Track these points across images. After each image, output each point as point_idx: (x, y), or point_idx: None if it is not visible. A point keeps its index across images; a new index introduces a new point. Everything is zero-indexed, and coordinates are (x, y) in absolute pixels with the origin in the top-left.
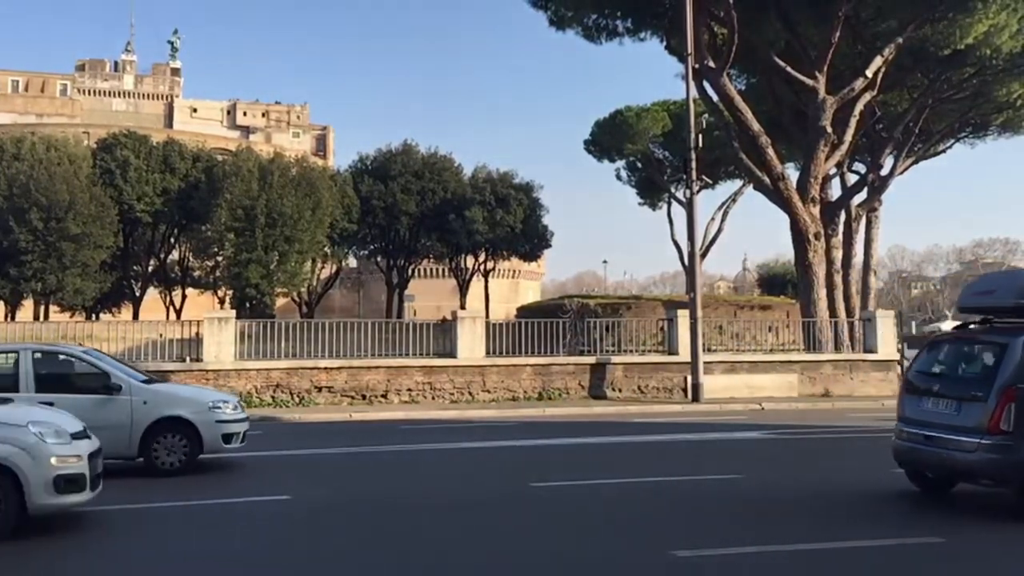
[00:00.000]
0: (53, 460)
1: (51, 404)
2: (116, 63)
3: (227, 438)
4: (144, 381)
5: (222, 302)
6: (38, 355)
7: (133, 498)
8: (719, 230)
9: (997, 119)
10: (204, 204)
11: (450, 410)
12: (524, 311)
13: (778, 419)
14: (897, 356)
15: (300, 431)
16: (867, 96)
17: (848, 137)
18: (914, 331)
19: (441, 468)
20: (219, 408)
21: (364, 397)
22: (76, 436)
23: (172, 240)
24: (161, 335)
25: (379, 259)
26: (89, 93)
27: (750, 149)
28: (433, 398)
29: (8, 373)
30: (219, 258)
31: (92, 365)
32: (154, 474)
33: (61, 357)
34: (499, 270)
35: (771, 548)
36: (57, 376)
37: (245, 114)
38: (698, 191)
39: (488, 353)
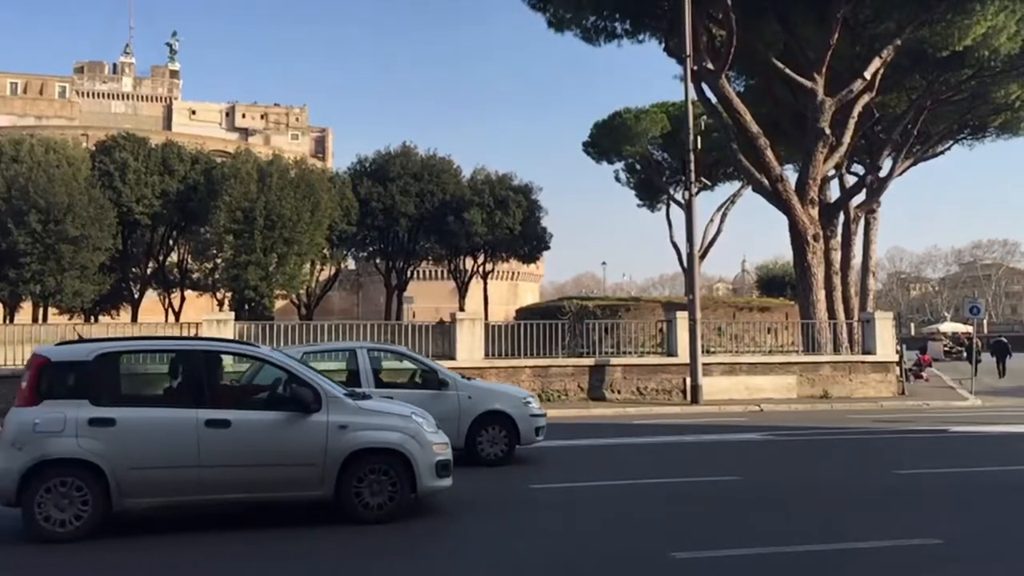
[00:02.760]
0: (434, 447)
1: (391, 398)
2: (115, 65)
3: (537, 431)
4: (464, 378)
5: (221, 304)
6: (373, 353)
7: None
8: (718, 232)
9: (995, 120)
10: (203, 206)
11: None
12: (523, 313)
13: (777, 420)
14: (896, 357)
15: None
16: (866, 98)
17: (847, 139)
18: (913, 332)
19: None
20: (530, 403)
21: None
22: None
23: (171, 242)
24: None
25: (378, 261)
26: (88, 95)
27: (749, 151)
28: None
29: (349, 369)
30: (218, 260)
31: (420, 362)
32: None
33: (392, 354)
34: (498, 272)
35: (770, 550)
36: (392, 372)
37: (244, 116)
38: (697, 193)
39: (487, 355)
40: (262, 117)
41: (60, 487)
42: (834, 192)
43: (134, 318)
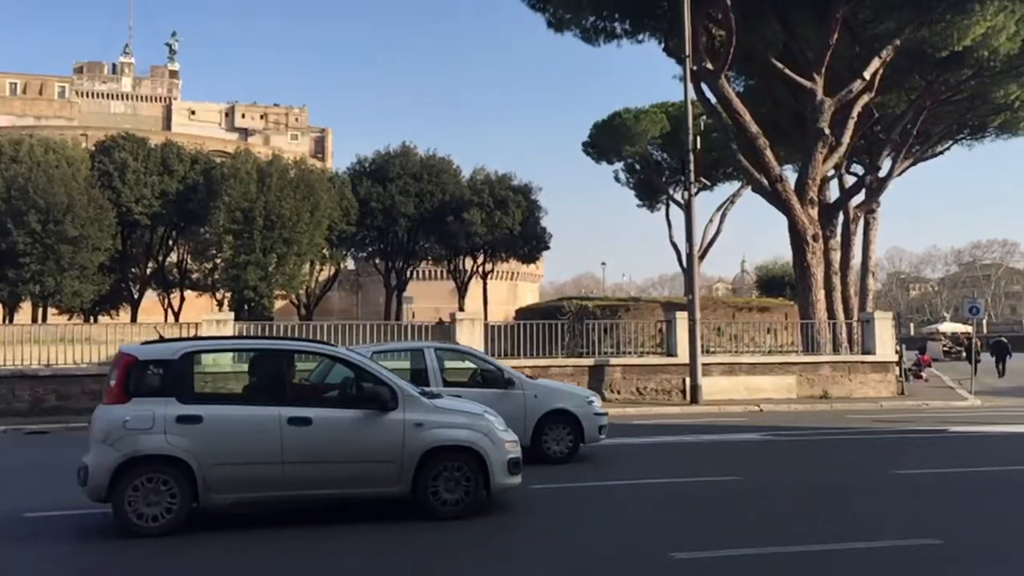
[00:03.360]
0: (506, 445)
1: (459, 397)
2: (114, 65)
3: (600, 429)
4: (528, 377)
5: (220, 304)
6: (440, 352)
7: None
8: (717, 232)
9: (995, 121)
10: (202, 206)
11: None
12: (523, 313)
13: (776, 421)
14: (895, 357)
15: None
16: (865, 98)
17: (846, 139)
18: (912, 332)
19: None
20: (593, 402)
21: None
22: None
23: (170, 242)
24: (160, 337)
25: (377, 261)
26: (87, 95)
27: (748, 151)
28: None
29: (417, 368)
30: (217, 260)
31: (486, 362)
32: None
33: (459, 354)
34: (498, 272)
35: (769, 550)
36: (459, 371)
37: (243, 116)
38: (696, 193)
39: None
40: (262, 117)
41: (149, 483)
42: (833, 192)
43: (134, 318)
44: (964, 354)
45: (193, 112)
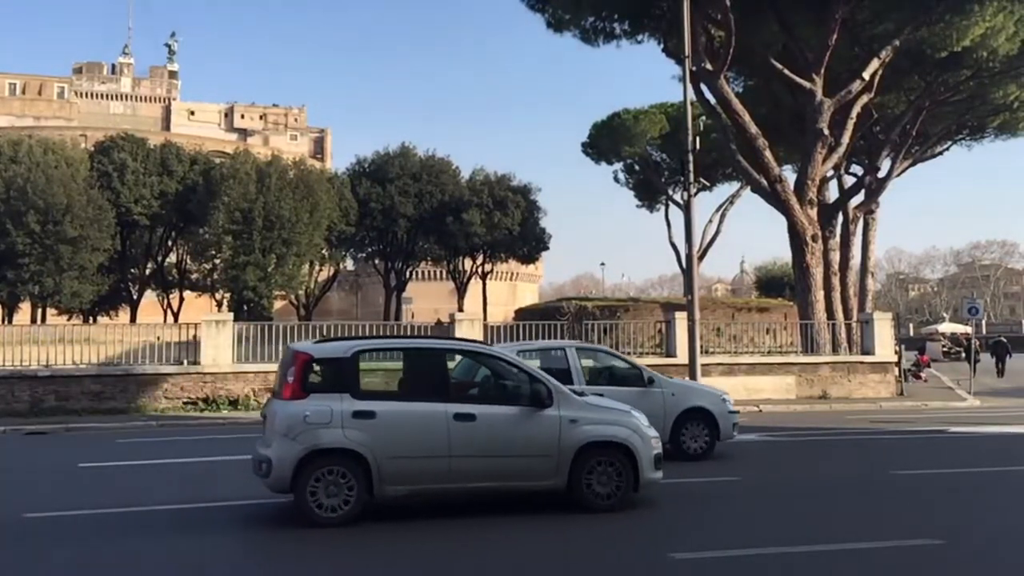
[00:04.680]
0: (653, 441)
1: (601, 395)
2: (113, 66)
3: (734, 427)
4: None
5: (219, 305)
6: (582, 351)
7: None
8: (717, 232)
9: (994, 121)
10: (201, 207)
11: None
12: (522, 313)
13: (776, 421)
14: (895, 358)
15: None
16: (864, 98)
17: (845, 139)
18: (911, 333)
19: None
20: (727, 400)
21: None
22: None
23: (169, 243)
24: (159, 338)
25: (377, 261)
26: (86, 96)
27: (748, 151)
28: None
29: (560, 368)
30: (216, 261)
31: (626, 361)
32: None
33: (599, 353)
34: (497, 272)
35: (769, 550)
36: (600, 370)
37: (243, 117)
38: (696, 193)
39: None
40: (261, 118)
41: (329, 475)
42: (833, 193)
43: (133, 319)
44: (963, 354)
45: (192, 112)
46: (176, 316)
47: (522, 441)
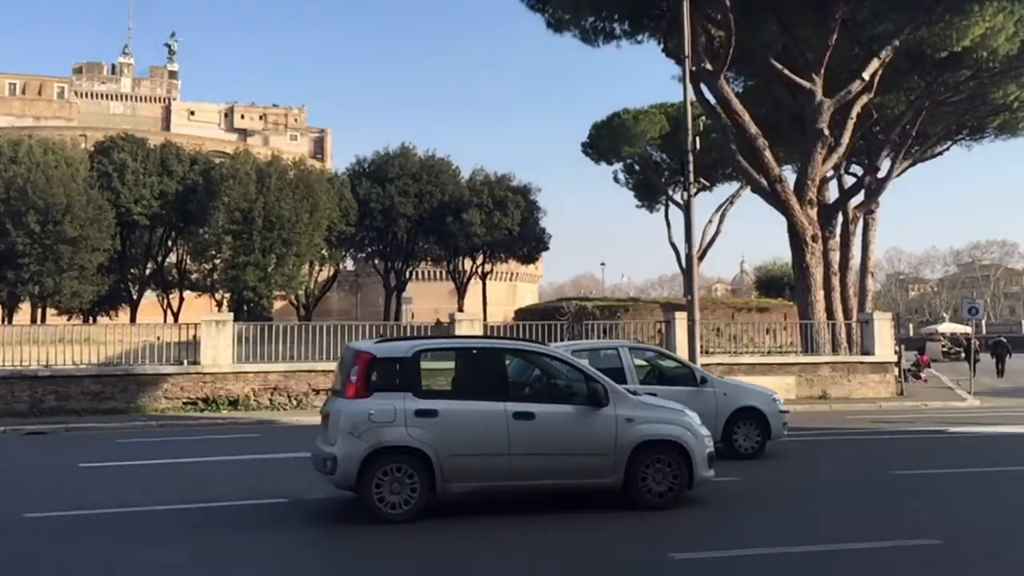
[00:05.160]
0: (706, 440)
1: (654, 395)
2: (113, 66)
3: (783, 426)
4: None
5: (219, 305)
6: (635, 351)
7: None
8: (717, 232)
9: (994, 121)
10: (201, 207)
11: None
12: (522, 313)
13: None
14: (895, 358)
15: (304, 434)
16: (864, 98)
17: (845, 139)
18: (911, 333)
19: None
20: (777, 400)
21: None
22: None
23: (169, 243)
24: (158, 338)
25: (377, 262)
26: (86, 96)
27: (747, 151)
28: None
29: (614, 367)
30: (216, 261)
31: (678, 361)
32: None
33: (652, 353)
34: (497, 272)
35: (768, 551)
36: (652, 370)
37: (243, 117)
38: (696, 193)
39: None
40: (261, 118)
41: (394, 472)
42: (833, 193)
43: (132, 319)
44: (963, 355)
45: (192, 113)
46: (176, 316)
47: (580, 440)
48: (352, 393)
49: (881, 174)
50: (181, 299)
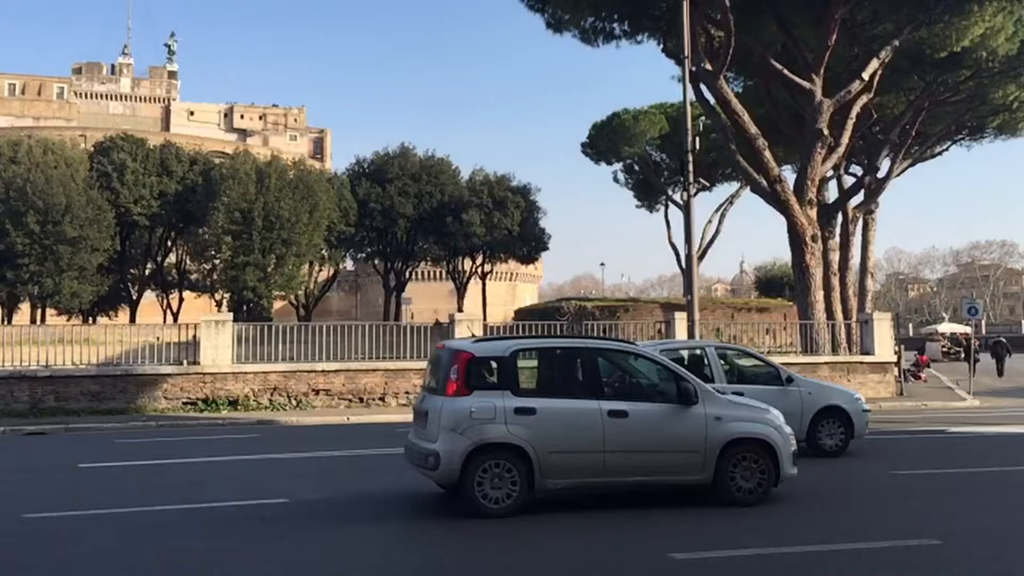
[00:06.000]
0: (791, 438)
1: (741, 394)
2: (113, 66)
3: (866, 425)
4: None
5: (219, 305)
6: (721, 351)
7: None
8: (716, 232)
9: (993, 121)
10: (201, 207)
11: None
12: (522, 313)
13: None
14: (894, 358)
15: (304, 434)
16: (863, 99)
17: (845, 139)
18: (911, 333)
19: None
20: (859, 399)
21: (362, 400)
22: None
23: (169, 243)
24: (158, 338)
25: (376, 262)
26: (86, 96)
27: (747, 152)
28: None
29: (701, 367)
30: (216, 261)
31: (764, 361)
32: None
33: (739, 353)
34: (496, 273)
35: (768, 550)
36: (739, 369)
37: (242, 117)
38: (695, 193)
39: None
40: (260, 118)
41: (495, 468)
42: (832, 193)
43: (132, 319)
44: (963, 355)
45: (192, 113)
46: (176, 316)
47: (671, 437)
48: (453, 391)
49: (881, 174)
50: (181, 299)
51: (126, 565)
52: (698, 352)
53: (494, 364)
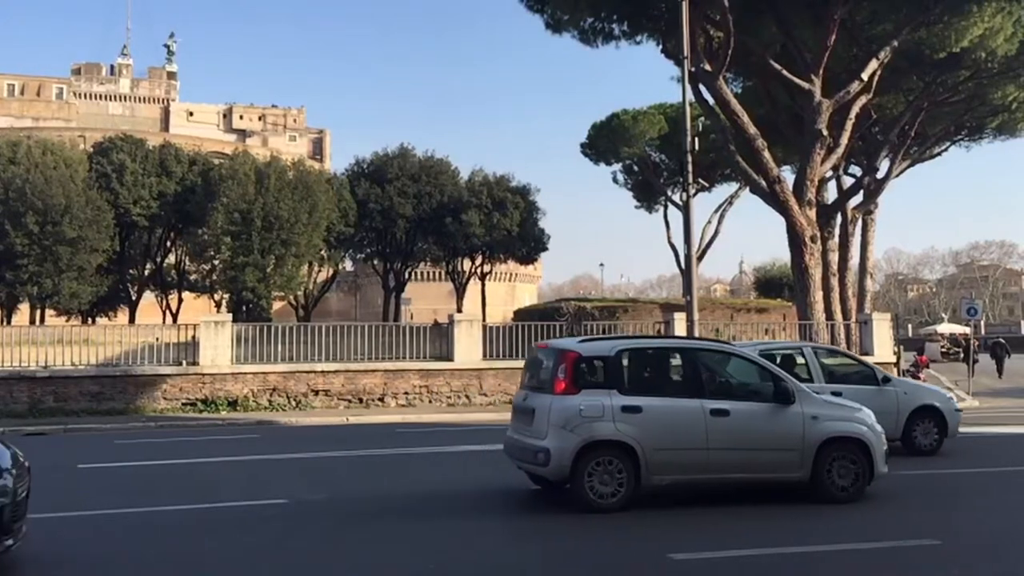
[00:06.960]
0: (883, 437)
1: (839, 394)
2: (112, 67)
3: (958, 424)
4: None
5: (218, 306)
6: (818, 352)
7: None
8: (715, 233)
9: (993, 122)
10: (200, 207)
11: (447, 413)
12: (521, 314)
13: None
14: (893, 358)
15: (303, 435)
16: (863, 99)
17: (844, 140)
18: (910, 334)
19: (431, 470)
20: (952, 399)
21: (361, 401)
22: None
23: (168, 244)
24: (157, 339)
25: (376, 262)
26: (85, 97)
27: (746, 152)
28: (430, 401)
29: (798, 367)
30: (215, 261)
31: (859, 361)
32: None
33: (835, 354)
34: (496, 273)
35: (768, 551)
36: (836, 369)
37: (242, 117)
38: (695, 194)
39: (485, 356)
40: (260, 118)
41: (603, 465)
42: (831, 193)
43: (131, 320)
44: (962, 355)
45: (191, 113)
46: (175, 317)
47: (771, 435)
48: (562, 389)
49: (880, 175)
50: (180, 300)
51: (126, 565)
52: (796, 353)
53: (599, 363)
